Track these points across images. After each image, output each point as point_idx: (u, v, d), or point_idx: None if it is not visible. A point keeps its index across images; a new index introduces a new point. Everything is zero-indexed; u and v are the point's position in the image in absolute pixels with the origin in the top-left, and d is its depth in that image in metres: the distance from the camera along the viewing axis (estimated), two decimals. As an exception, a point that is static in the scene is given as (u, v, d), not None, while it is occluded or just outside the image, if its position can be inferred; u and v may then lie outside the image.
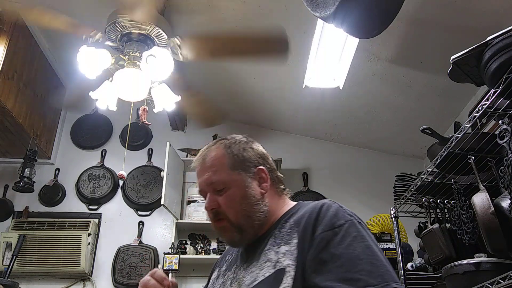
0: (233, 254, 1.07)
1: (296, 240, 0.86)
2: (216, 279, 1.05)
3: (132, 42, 2.34)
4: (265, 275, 0.85)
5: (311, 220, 0.87)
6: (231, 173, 0.99)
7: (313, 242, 0.83)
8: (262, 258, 0.90)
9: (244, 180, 0.99)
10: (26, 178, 3.33)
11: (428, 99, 2.98)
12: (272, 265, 0.86)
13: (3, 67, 2.87)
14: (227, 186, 0.98)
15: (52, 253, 3.21)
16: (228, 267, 1.04)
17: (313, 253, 0.82)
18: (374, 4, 1.49)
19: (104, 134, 3.87)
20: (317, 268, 0.80)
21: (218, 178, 0.98)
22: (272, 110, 3.64)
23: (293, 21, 2.56)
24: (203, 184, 1.00)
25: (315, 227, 0.86)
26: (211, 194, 0.99)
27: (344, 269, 0.77)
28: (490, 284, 1.45)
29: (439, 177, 2.07)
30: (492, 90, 1.46)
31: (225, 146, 1.04)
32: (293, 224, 0.92)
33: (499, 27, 1.40)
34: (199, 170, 1.03)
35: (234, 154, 1.02)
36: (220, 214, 0.97)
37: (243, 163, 1.01)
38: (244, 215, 0.97)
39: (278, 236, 0.92)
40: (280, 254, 0.87)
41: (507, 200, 1.48)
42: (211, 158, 1.02)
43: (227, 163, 1.00)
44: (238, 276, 0.95)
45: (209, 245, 3.42)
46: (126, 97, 2.33)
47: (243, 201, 0.97)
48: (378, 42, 2.56)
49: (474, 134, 1.72)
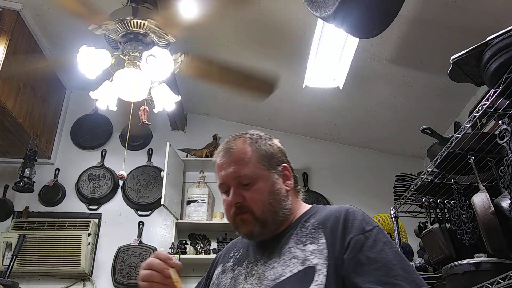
0: (241, 251, 1.06)
1: (324, 240, 0.89)
2: (221, 273, 1.04)
3: (133, 42, 2.34)
4: (293, 271, 0.86)
5: (340, 222, 0.91)
6: (258, 168, 0.99)
7: (346, 244, 0.86)
8: (286, 255, 0.90)
9: (271, 176, 1.00)
10: (26, 178, 3.33)
11: (428, 99, 2.98)
12: (300, 262, 0.87)
13: (3, 67, 2.87)
14: (254, 180, 0.97)
15: (52, 253, 3.21)
16: (237, 262, 1.02)
17: (350, 254, 0.85)
18: (374, 4, 1.49)
19: (104, 134, 3.87)
20: (356, 268, 0.83)
21: (246, 172, 0.97)
22: (272, 110, 3.64)
23: (293, 21, 2.56)
24: (228, 177, 0.98)
25: (346, 230, 0.89)
26: (236, 188, 0.98)
27: (381, 272, 0.81)
28: (490, 284, 1.45)
29: (439, 177, 2.07)
30: (492, 90, 1.46)
31: (251, 141, 1.03)
32: (316, 225, 0.94)
33: (499, 27, 1.40)
34: (223, 163, 1.00)
35: (261, 149, 1.02)
36: (244, 208, 0.97)
37: (270, 159, 1.02)
38: (270, 210, 0.96)
39: (301, 235, 0.94)
40: (307, 252, 0.88)
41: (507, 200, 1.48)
42: (239, 152, 1.00)
43: (255, 158, 1.00)
44: (254, 271, 0.94)
45: (209, 245, 3.42)
46: (126, 97, 2.33)
47: (270, 196, 0.97)
48: (378, 42, 2.56)
49: (474, 134, 1.71)
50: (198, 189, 3.51)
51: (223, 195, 1.02)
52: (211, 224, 3.38)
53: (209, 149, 3.69)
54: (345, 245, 0.86)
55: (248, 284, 0.92)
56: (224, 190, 1.01)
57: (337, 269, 0.84)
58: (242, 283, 0.94)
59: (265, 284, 0.88)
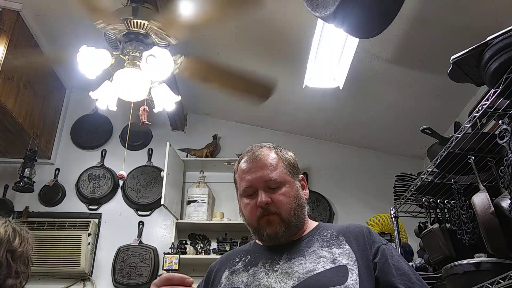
0: (248, 256, 1.10)
1: (348, 247, 1.00)
2: (230, 275, 1.06)
3: (133, 42, 2.34)
4: (326, 267, 0.95)
5: (362, 234, 1.05)
6: (286, 174, 1.09)
7: (375, 250, 1.00)
8: (313, 255, 1.00)
9: (295, 183, 1.10)
10: (26, 178, 3.33)
11: (428, 99, 2.98)
12: (330, 260, 0.97)
13: (3, 67, 2.87)
14: (281, 185, 1.06)
15: (52, 253, 3.21)
16: (249, 264, 1.06)
17: (381, 259, 0.98)
18: (374, 4, 1.49)
19: (104, 134, 3.88)
20: (390, 271, 0.96)
21: (275, 176, 1.06)
22: (273, 110, 3.64)
23: (293, 21, 2.56)
24: (257, 180, 1.06)
25: (371, 240, 1.03)
26: (264, 191, 1.05)
27: (405, 278, 0.95)
28: (490, 284, 1.45)
29: (439, 177, 2.07)
30: (492, 90, 1.46)
31: (276, 150, 1.14)
32: (336, 234, 1.05)
33: (499, 27, 1.40)
34: (251, 168, 1.08)
35: (285, 157, 1.13)
36: (271, 209, 1.04)
37: (293, 168, 1.12)
38: (294, 213, 1.06)
39: (322, 241, 1.04)
40: (335, 254, 0.99)
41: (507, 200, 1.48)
42: (269, 158, 1.10)
43: (281, 164, 1.10)
44: (277, 268, 0.99)
45: (209, 245, 3.42)
46: (126, 97, 2.33)
47: (295, 200, 1.07)
48: (378, 42, 2.56)
49: (474, 134, 1.71)
50: (198, 189, 3.51)
51: (246, 198, 1.09)
52: (211, 224, 3.38)
53: (209, 149, 3.69)
54: (373, 252, 1.00)
55: (273, 278, 0.97)
56: (249, 193, 1.08)
57: (368, 271, 0.96)
58: (264, 278, 0.98)
59: (297, 276, 0.94)
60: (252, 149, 1.14)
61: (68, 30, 3.14)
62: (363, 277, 0.94)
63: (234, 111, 3.85)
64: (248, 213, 1.08)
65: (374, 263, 0.98)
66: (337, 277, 0.92)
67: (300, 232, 1.09)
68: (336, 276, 0.93)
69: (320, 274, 0.94)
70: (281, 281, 0.96)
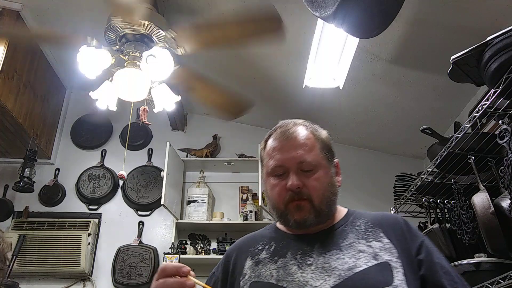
0: (273, 243, 1.00)
1: (387, 240, 0.92)
2: (255, 265, 0.97)
3: (132, 42, 2.34)
4: (368, 264, 0.87)
5: (400, 226, 0.96)
6: (321, 157, 0.99)
7: (417, 246, 0.92)
8: (351, 249, 0.91)
9: (330, 168, 1.00)
10: (26, 178, 3.33)
11: (428, 99, 2.98)
12: (371, 256, 0.88)
13: (3, 67, 2.87)
14: (315, 168, 0.96)
15: (52, 253, 3.21)
16: (275, 254, 0.97)
17: (426, 256, 0.91)
18: (374, 4, 1.49)
19: (104, 134, 3.87)
20: (437, 270, 0.89)
21: (310, 158, 0.96)
22: (272, 110, 3.64)
23: (293, 21, 2.56)
24: (290, 160, 0.96)
25: (411, 234, 0.95)
26: (296, 173, 0.95)
27: (449, 278, 0.89)
28: (490, 284, 1.45)
29: (439, 177, 2.07)
30: (492, 90, 1.46)
31: (312, 129, 1.03)
32: (371, 225, 0.96)
33: (499, 27, 1.40)
34: (284, 146, 0.98)
35: (322, 139, 1.03)
36: (303, 194, 0.94)
37: (329, 150, 1.02)
38: (327, 201, 0.96)
39: (358, 232, 0.95)
40: (375, 248, 0.90)
41: (507, 200, 1.48)
42: (303, 137, 0.99)
43: (318, 146, 0.99)
44: (311, 262, 0.90)
45: (209, 245, 3.42)
46: (126, 97, 2.33)
47: (328, 187, 0.97)
48: (378, 42, 2.56)
49: (474, 134, 1.72)
50: (198, 189, 3.51)
51: (274, 179, 0.98)
52: (211, 224, 3.38)
53: (209, 149, 3.69)
54: (416, 247, 0.92)
55: (309, 274, 0.88)
56: (278, 173, 0.97)
57: (412, 268, 0.88)
58: (298, 272, 0.89)
59: (337, 273, 0.86)
60: (285, 125, 1.03)
61: (68, 30, 3.14)
62: (408, 275, 0.86)
63: (234, 111, 3.84)
64: (275, 195, 0.97)
65: (419, 261, 0.90)
66: (382, 276, 0.84)
67: (330, 220, 0.99)
68: (381, 275, 0.85)
69: (363, 272, 0.85)
70: (319, 278, 0.86)
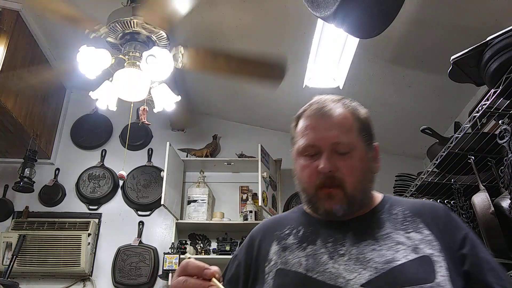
0: (301, 228, 0.92)
1: (428, 231, 0.84)
2: (282, 251, 0.89)
3: (133, 42, 2.34)
4: (407, 257, 0.79)
5: (442, 216, 0.87)
6: (358, 139, 0.90)
7: (461, 239, 0.84)
8: (388, 240, 0.83)
9: (367, 151, 0.91)
10: (26, 178, 3.33)
11: (428, 99, 2.98)
12: (411, 249, 0.80)
13: (3, 67, 2.87)
14: (352, 151, 0.87)
15: (52, 253, 3.21)
16: (304, 240, 0.89)
17: (471, 250, 0.82)
18: (374, 4, 1.49)
19: (104, 134, 3.87)
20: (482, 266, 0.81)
21: (347, 140, 0.87)
22: (272, 110, 3.64)
23: (293, 21, 2.56)
24: (324, 140, 0.87)
25: (454, 225, 0.86)
26: (330, 155, 0.86)
27: (495, 274, 0.80)
28: (490, 284, 1.44)
29: (439, 177, 2.07)
30: (492, 90, 1.46)
31: (352, 108, 0.93)
32: (409, 214, 0.88)
33: (499, 27, 1.40)
34: (319, 124, 0.89)
35: (361, 119, 0.93)
36: (335, 179, 0.86)
37: (368, 132, 0.93)
38: (361, 188, 0.89)
39: (395, 221, 0.87)
40: (415, 240, 0.82)
41: (507, 200, 1.48)
42: (341, 115, 0.90)
43: (356, 127, 0.90)
44: (343, 252, 0.83)
45: (209, 245, 3.42)
46: (126, 97, 2.33)
47: (364, 173, 0.90)
48: (378, 42, 2.55)
49: (474, 134, 1.72)
50: (198, 189, 3.51)
51: (304, 159, 0.90)
52: (211, 224, 3.38)
53: (209, 149, 3.69)
54: (459, 240, 0.83)
55: (342, 265, 0.80)
56: (309, 153, 0.89)
57: (455, 264, 0.80)
58: (329, 262, 0.82)
59: (373, 266, 0.78)
60: (321, 101, 0.92)
61: (68, 30, 3.14)
62: (451, 271, 0.78)
63: (234, 111, 3.85)
64: (306, 178, 0.89)
65: (462, 255, 0.81)
66: (423, 272, 0.77)
67: (367, 207, 0.92)
68: (422, 271, 0.77)
69: (403, 267, 0.77)
70: (353, 270, 0.79)
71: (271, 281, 0.86)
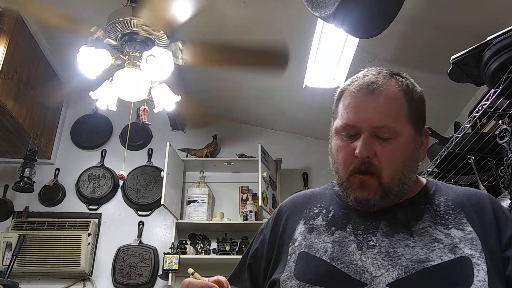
0: (331, 209, 0.87)
1: (471, 228, 0.76)
2: (308, 233, 0.84)
3: (133, 42, 2.34)
4: (443, 258, 0.72)
5: (487, 210, 0.79)
6: (405, 125, 0.80)
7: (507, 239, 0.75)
8: (425, 236, 0.75)
9: (414, 139, 0.82)
10: (26, 178, 3.33)
11: (428, 99, 2.96)
12: (448, 248, 0.73)
13: (3, 67, 2.87)
14: (396, 137, 0.79)
15: (52, 253, 3.21)
16: (333, 223, 0.83)
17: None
18: (374, 4, 1.49)
19: (104, 134, 3.87)
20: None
21: (392, 124, 0.78)
22: (272, 110, 3.64)
23: (293, 21, 2.55)
24: (365, 122, 0.79)
25: (500, 221, 0.77)
26: (369, 138, 0.78)
27: None
28: (490, 284, 1.44)
29: (439, 177, 2.07)
30: (492, 90, 1.46)
31: (406, 88, 0.83)
32: (452, 206, 0.80)
33: (499, 27, 1.40)
34: (363, 102, 0.80)
35: (414, 102, 0.84)
36: (371, 167, 0.78)
37: (419, 117, 0.84)
38: (399, 179, 0.79)
39: (436, 214, 0.79)
40: (454, 238, 0.74)
41: (507, 200, 1.48)
42: (389, 97, 0.80)
43: (405, 111, 0.81)
44: (374, 243, 0.77)
45: (209, 245, 3.42)
46: (126, 97, 2.33)
47: (405, 162, 0.80)
48: (378, 42, 2.55)
49: (474, 134, 1.71)
50: (198, 189, 3.51)
51: (341, 139, 0.84)
52: (211, 224, 3.38)
53: (209, 149, 3.69)
54: (506, 239, 0.74)
55: (370, 258, 0.74)
56: (348, 133, 0.82)
57: (497, 267, 0.72)
58: (356, 253, 0.76)
59: (404, 264, 0.72)
60: (371, 75, 0.83)
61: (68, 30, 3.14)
62: (492, 276, 0.70)
63: (234, 111, 3.84)
64: (340, 160, 0.83)
65: (507, 257, 0.72)
66: (459, 276, 0.69)
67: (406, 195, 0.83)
68: (458, 275, 0.70)
69: (436, 269, 0.70)
70: (381, 266, 0.73)
71: (293, 265, 0.80)
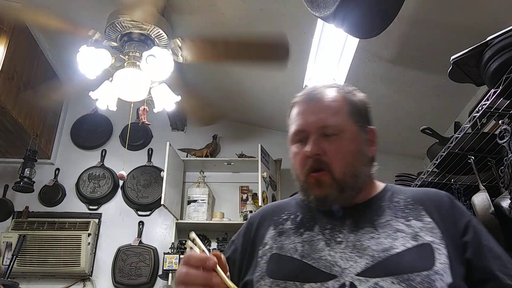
0: (299, 214, 0.92)
1: (430, 219, 0.82)
2: (278, 236, 0.89)
3: (132, 42, 2.35)
4: (406, 245, 0.78)
5: (445, 204, 0.86)
6: (348, 121, 0.88)
7: (463, 226, 0.82)
8: (387, 228, 0.81)
9: (359, 134, 0.90)
10: (26, 178, 3.33)
11: (428, 99, 2.98)
12: (410, 237, 0.79)
13: (3, 67, 2.88)
14: (340, 133, 0.86)
15: (52, 253, 3.21)
16: (301, 226, 0.88)
17: (474, 237, 0.81)
18: (374, 4, 1.49)
19: (104, 134, 3.87)
20: (484, 253, 0.80)
21: (334, 123, 0.86)
22: (272, 110, 3.64)
23: (293, 21, 2.55)
24: (311, 125, 0.87)
25: (456, 212, 0.85)
26: (316, 138, 0.86)
27: (500, 262, 0.79)
28: (490, 284, 1.44)
29: (439, 177, 2.07)
30: (492, 90, 1.46)
31: (344, 91, 0.94)
32: (411, 201, 0.87)
33: (499, 27, 1.40)
34: (306, 109, 0.89)
35: (353, 100, 0.92)
36: (322, 163, 0.85)
37: (361, 115, 0.92)
38: (350, 172, 0.86)
39: (396, 209, 0.86)
40: (415, 228, 0.81)
41: (507, 200, 1.48)
42: (330, 99, 0.90)
43: (346, 109, 0.89)
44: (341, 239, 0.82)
45: (209, 245, 3.42)
46: (126, 97, 2.33)
47: (354, 155, 0.88)
48: (378, 42, 2.55)
49: (474, 134, 1.72)
50: (198, 189, 3.51)
51: (296, 146, 0.90)
52: (211, 224, 3.38)
53: (209, 149, 3.69)
54: (462, 227, 0.82)
55: (338, 252, 0.79)
56: (299, 138, 0.89)
57: (457, 251, 0.79)
58: (325, 249, 0.81)
59: (370, 254, 0.77)
60: (314, 87, 0.94)
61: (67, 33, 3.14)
62: (452, 259, 0.77)
63: (234, 111, 3.84)
64: (297, 165, 0.88)
65: (464, 242, 0.80)
66: (421, 259, 0.75)
67: (364, 193, 0.90)
68: (420, 258, 0.76)
69: (400, 255, 0.76)
70: (349, 258, 0.78)
71: (264, 265, 0.85)
